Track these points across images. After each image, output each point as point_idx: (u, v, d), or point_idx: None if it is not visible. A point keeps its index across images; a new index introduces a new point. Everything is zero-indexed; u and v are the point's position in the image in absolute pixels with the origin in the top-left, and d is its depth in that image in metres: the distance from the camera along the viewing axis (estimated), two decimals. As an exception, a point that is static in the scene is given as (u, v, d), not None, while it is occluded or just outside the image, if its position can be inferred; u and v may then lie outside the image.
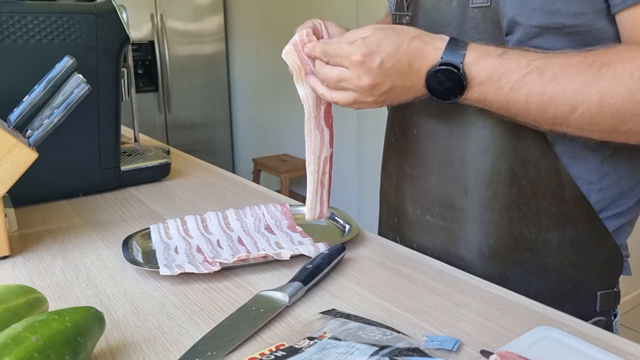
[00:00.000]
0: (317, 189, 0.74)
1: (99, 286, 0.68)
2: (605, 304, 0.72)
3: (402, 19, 0.76)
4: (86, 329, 0.48)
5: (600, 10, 0.61)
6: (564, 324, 0.56)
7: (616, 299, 0.74)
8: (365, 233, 0.83)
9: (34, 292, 0.54)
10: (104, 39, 0.97)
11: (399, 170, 0.81)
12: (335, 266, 0.70)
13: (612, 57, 0.57)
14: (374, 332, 0.52)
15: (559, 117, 0.59)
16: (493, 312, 0.59)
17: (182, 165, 1.27)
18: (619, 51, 0.58)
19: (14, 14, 0.90)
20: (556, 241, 0.69)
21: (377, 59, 0.61)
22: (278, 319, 0.58)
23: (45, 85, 0.80)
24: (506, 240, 0.70)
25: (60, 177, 1.00)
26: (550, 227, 0.69)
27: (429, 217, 0.77)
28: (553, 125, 0.61)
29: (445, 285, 0.65)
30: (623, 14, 0.59)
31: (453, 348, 0.51)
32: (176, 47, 3.93)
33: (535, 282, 0.71)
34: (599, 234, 0.70)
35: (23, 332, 0.43)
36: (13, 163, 0.73)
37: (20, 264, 0.75)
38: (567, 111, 0.58)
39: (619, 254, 0.72)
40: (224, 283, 0.67)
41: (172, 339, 0.56)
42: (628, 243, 0.75)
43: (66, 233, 0.86)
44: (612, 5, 0.60)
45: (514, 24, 0.63)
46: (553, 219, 0.69)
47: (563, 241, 0.69)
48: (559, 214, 0.68)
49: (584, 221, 0.69)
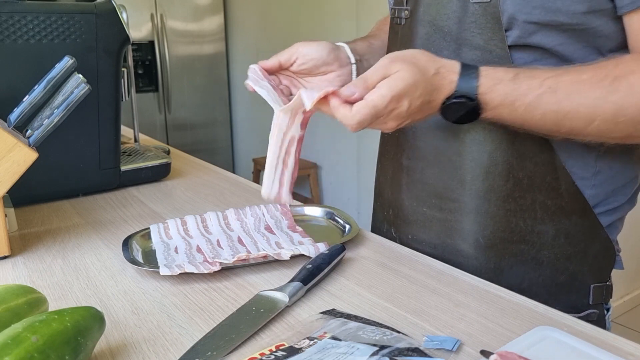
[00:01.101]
0: (277, 166, 0.69)
1: (99, 286, 0.68)
2: (598, 297, 0.74)
3: (401, 13, 0.77)
4: (86, 329, 0.48)
5: (601, 10, 0.61)
6: (564, 324, 0.56)
7: (609, 293, 0.75)
8: (365, 233, 0.83)
9: (34, 292, 0.54)
10: (104, 39, 0.97)
11: (395, 163, 0.82)
12: (335, 266, 0.70)
13: (624, 70, 0.59)
14: (374, 332, 0.52)
15: (574, 129, 0.61)
16: (493, 312, 0.59)
17: (182, 165, 1.27)
18: (630, 64, 0.59)
19: (14, 14, 0.90)
20: (551, 234, 0.71)
21: (405, 104, 0.60)
22: (278, 319, 0.58)
23: (45, 85, 0.80)
24: (502, 231, 0.72)
25: (60, 177, 1.00)
26: (545, 219, 0.70)
27: (425, 209, 0.77)
28: (569, 135, 0.63)
29: (445, 285, 0.65)
30: (633, 15, 0.60)
31: (453, 348, 0.51)
32: (176, 47, 3.93)
33: (529, 273, 0.72)
34: (593, 228, 0.71)
35: (23, 332, 0.43)
36: (13, 163, 0.73)
37: (20, 264, 0.75)
38: (583, 124, 0.60)
39: (612, 247, 0.73)
40: (224, 283, 0.67)
41: (172, 339, 0.56)
42: (628, 241, 0.75)
43: (66, 233, 0.86)
44: (620, 6, 0.60)
45: (513, 20, 0.64)
46: (548, 212, 0.70)
47: (558, 234, 0.71)
48: (554, 207, 0.70)
49: (579, 215, 0.70)
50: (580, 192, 0.69)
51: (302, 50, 0.75)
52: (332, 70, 0.77)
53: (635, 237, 2.37)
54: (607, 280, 0.74)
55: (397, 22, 0.79)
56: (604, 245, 0.72)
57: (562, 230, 0.70)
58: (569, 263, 0.72)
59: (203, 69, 4.11)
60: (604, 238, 0.72)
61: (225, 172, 1.21)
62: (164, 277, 0.69)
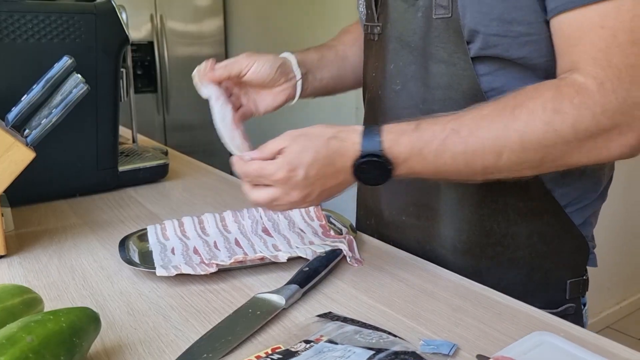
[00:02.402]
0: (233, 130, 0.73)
1: (95, 287, 0.68)
2: (574, 291, 0.76)
3: (374, 29, 0.80)
4: (82, 330, 0.48)
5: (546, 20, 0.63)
6: (561, 329, 0.56)
7: (585, 286, 0.78)
8: (362, 236, 0.83)
9: (29, 292, 0.53)
10: (103, 39, 0.97)
11: None
12: (332, 269, 0.70)
13: (522, 98, 0.59)
14: (371, 336, 0.52)
15: (488, 167, 0.61)
16: (490, 317, 0.59)
17: (180, 167, 1.26)
18: (527, 91, 0.60)
19: (13, 13, 0.90)
20: (525, 234, 0.73)
21: (300, 172, 0.61)
22: (274, 321, 0.58)
23: (44, 85, 0.80)
24: (478, 235, 0.74)
25: (57, 176, 1.00)
26: (518, 221, 0.72)
27: (404, 217, 0.80)
28: (485, 175, 0.62)
29: (442, 290, 0.65)
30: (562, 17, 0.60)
31: (450, 352, 0.51)
32: (176, 48, 3.93)
33: (507, 274, 0.74)
34: (565, 226, 0.73)
35: (18, 332, 0.43)
36: (10, 162, 0.73)
37: (17, 264, 0.74)
38: (493, 159, 0.60)
39: (585, 243, 0.75)
40: (220, 285, 0.67)
41: (168, 340, 0.55)
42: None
43: (63, 233, 0.86)
44: (549, 10, 0.61)
45: (474, 32, 0.66)
46: (521, 214, 0.72)
47: (531, 234, 0.73)
48: (526, 209, 0.72)
49: (550, 215, 0.73)
50: (550, 193, 0.71)
51: (252, 67, 0.77)
52: (278, 84, 0.80)
53: (629, 244, 2.38)
54: (583, 274, 0.77)
55: (371, 37, 0.82)
56: (578, 242, 0.74)
57: (535, 230, 0.73)
58: (544, 261, 0.74)
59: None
60: (577, 235, 0.74)
61: (224, 173, 1.21)
62: (161, 278, 0.68)
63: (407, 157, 0.61)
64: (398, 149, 0.61)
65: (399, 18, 0.74)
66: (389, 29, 0.76)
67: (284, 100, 0.82)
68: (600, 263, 0.80)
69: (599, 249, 0.79)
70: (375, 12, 0.79)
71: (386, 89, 0.78)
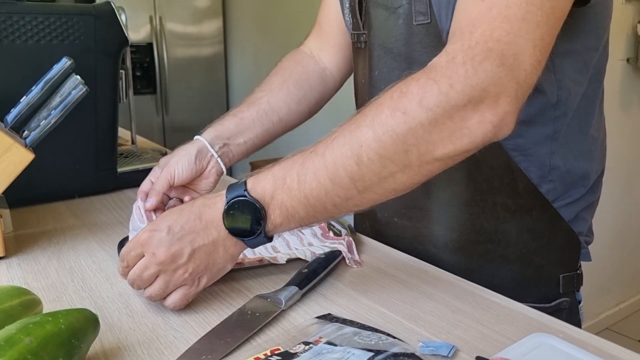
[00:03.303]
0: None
1: (93, 288, 0.67)
2: (568, 285, 0.77)
3: (360, 37, 0.82)
4: (80, 331, 0.48)
5: None
6: (560, 330, 0.56)
7: (579, 281, 0.79)
8: (362, 238, 0.83)
9: (28, 294, 0.53)
10: (102, 40, 0.97)
11: None
12: (332, 271, 0.70)
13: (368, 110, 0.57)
14: (370, 337, 0.52)
15: (354, 176, 0.56)
16: (489, 319, 0.59)
17: (179, 168, 1.26)
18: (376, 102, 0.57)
19: (12, 15, 0.90)
20: (515, 231, 0.74)
21: (163, 228, 0.59)
22: (273, 323, 0.58)
23: (43, 86, 0.80)
24: (468, 234, 0.75)
25: (56, 178, 1.00)
26: (507, 218, 0.74)
27: (397, 219, 0.82)
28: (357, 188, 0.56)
29: (442, 291, 0.65)
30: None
31: (448, 354, 0.51)
32: (175, 49, 3.93)
33: (499, 270, 0.76)
34: (554, 221, 0.74)
35: (17, 334, 0.43)
36: (9, 164, 0.73)
37: (15, 265, 0.74)
38: (355, 163, 0.55)
39: (575, 238, 0.76)
40: (219, 286, 0.67)
41: (167, 342, 0.55)
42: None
43: (62, 234, 0.86)
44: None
45: None
46: (510, 211, 0.74)
47: (521, 230, 0.74)
48: (515, 206, 0.73)
49: (539, 210, 0.74)
50: (537, 189, 0.73)
51: (175, 174, 0.80)
52: (204, 169, 0.84)
53: (629, 245, 2.38)
54: (576, 269, 0.78)
55: (358, 45, 0.83)
56: (568, 237, 0.76)
57: (524, 226, 0.74)
58: (535, 257, 0.75)
59: (201, 71, 4.11)
60: (567, 230, 0.75)
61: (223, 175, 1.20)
62: (160, 279, 0.68)
63: (273, 190, 0.58)
64: (261, 185, 0.59)
65: (382, 26, 0.76)
66: (372, 36, 0.78)
67: (216, 178, 0.85)
68: (599, 264, 0.80)
69: (599, 250, 0.79)
70: (360, 20, 0.81)
71: (373, 94, 0.77)
